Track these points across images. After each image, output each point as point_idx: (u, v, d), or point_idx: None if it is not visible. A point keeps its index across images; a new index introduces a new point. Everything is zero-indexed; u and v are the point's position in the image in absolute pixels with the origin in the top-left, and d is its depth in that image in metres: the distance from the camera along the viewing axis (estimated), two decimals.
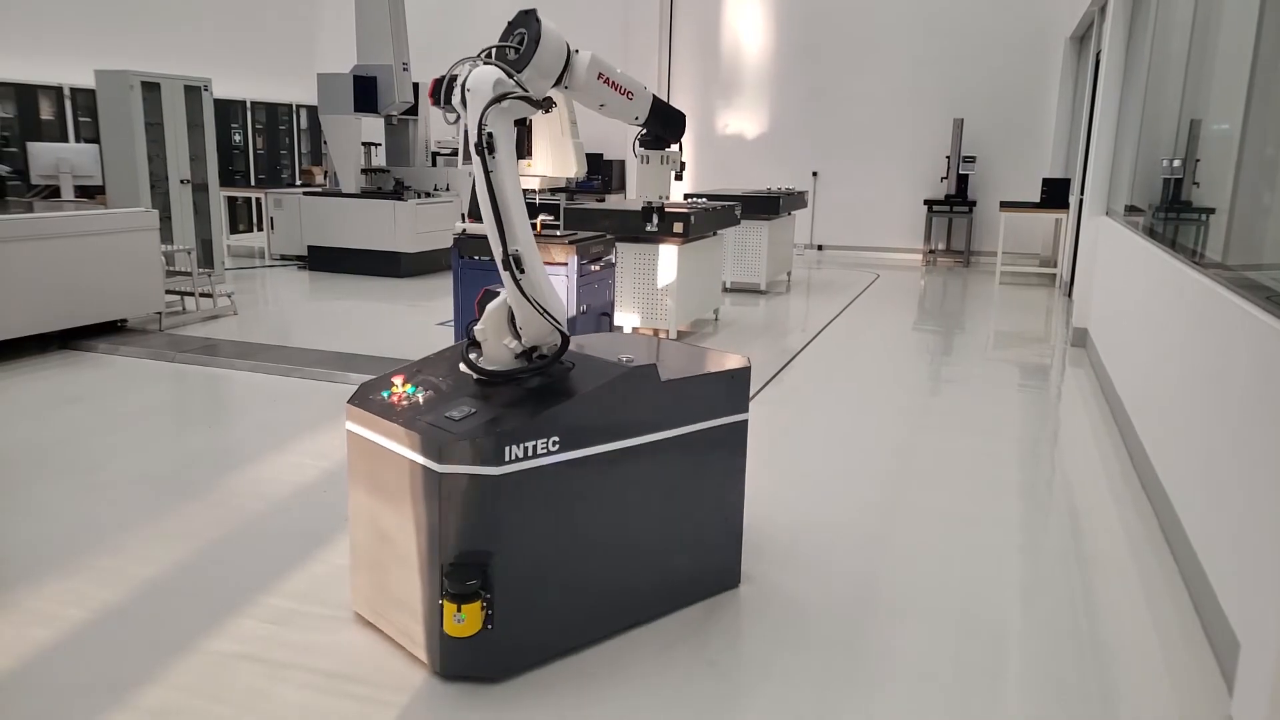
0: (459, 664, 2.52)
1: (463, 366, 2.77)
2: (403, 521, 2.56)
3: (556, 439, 2.51)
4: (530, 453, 2.46)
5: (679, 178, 4.41)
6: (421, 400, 2.66)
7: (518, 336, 2.70)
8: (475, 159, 2.55)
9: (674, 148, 4.22)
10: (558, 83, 2.75)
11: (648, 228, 6.58)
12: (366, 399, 2.74)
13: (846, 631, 2.86)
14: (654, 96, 3.19)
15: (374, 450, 2.64)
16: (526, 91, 2.58)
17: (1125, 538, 3.65)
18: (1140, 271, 4.99)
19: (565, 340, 2.71)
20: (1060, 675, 2.66)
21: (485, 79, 2.53)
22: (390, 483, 2.59)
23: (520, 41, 2.63)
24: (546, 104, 2.75)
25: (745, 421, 3.10)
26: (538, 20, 2.63)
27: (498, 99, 2.50)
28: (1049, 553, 3.51)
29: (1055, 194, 10.33)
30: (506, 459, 2.42)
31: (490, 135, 2.52)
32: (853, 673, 2.65)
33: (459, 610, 2.38)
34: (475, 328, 2.76)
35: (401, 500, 2.55)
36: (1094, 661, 2.73)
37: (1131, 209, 6.13)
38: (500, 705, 2.44)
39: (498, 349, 2.72)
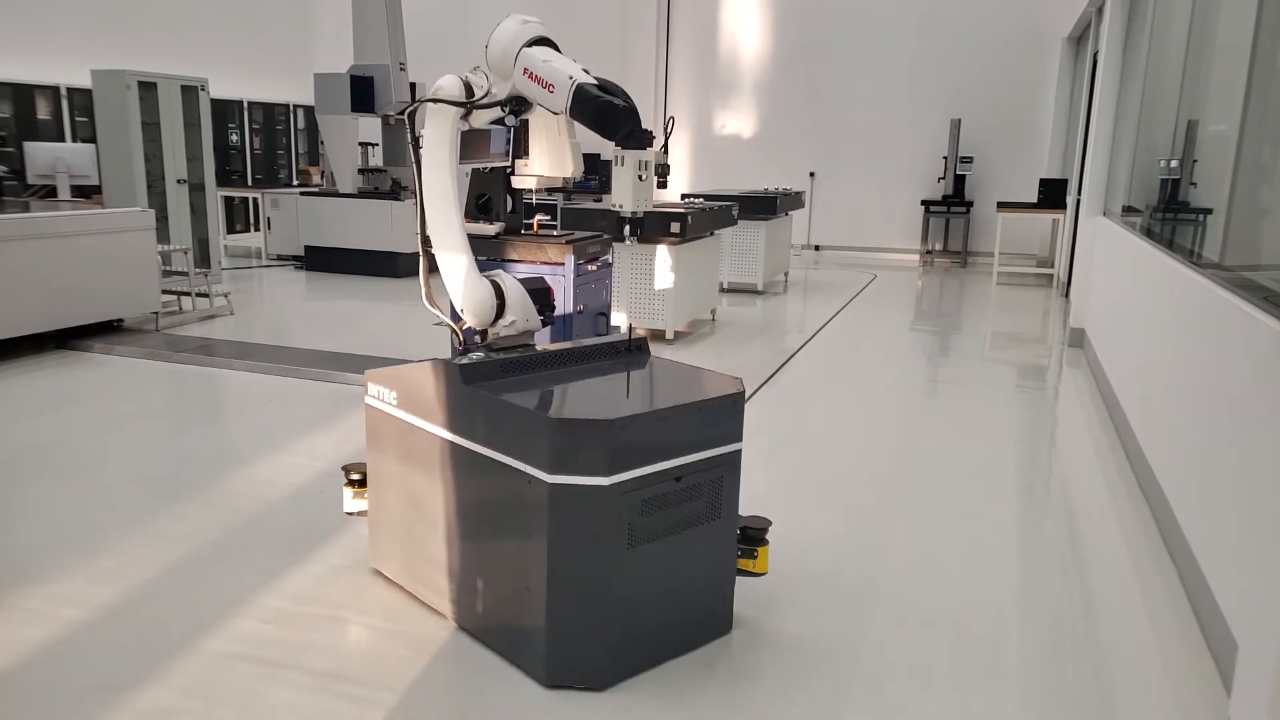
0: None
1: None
2: None
3: (395, 395, 2.89)
4: (378, 397, 2.96)
5: (662, 184, 3.25)
6: None
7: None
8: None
9: (654, 149, 3.36)
10: None
11: (626, 239, 5.93)
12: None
13: (843, 633, 2.86)
14: (582, 86, 2.79)
15: None
16: (456, 97, 2.89)
17: (1123, 538, 3.65)
18: (1137, 272, 5.00)
19: (455, 336, 2.99)
20: (1058, 676, 2.66)
21: (436, 85, 2.88)
22: None
23: None
24: (510, 104, 2.95)
25: (548, 487, 2.37)
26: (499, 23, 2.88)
27: (420, 100, 2.87)
28: (1046, 554, 3.51)
29: (1052, 194, 10.35)
30: (369, 394, 3.00)
31: (417, 133, 2.89)
32: (850, 675, 2.64)
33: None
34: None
35: None
36: (1092, 663, 2.73)
37: (1129, 209, 6.14)
38: (501, 705, 2.44)
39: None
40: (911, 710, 2.48)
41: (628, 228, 5.70)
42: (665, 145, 3.40)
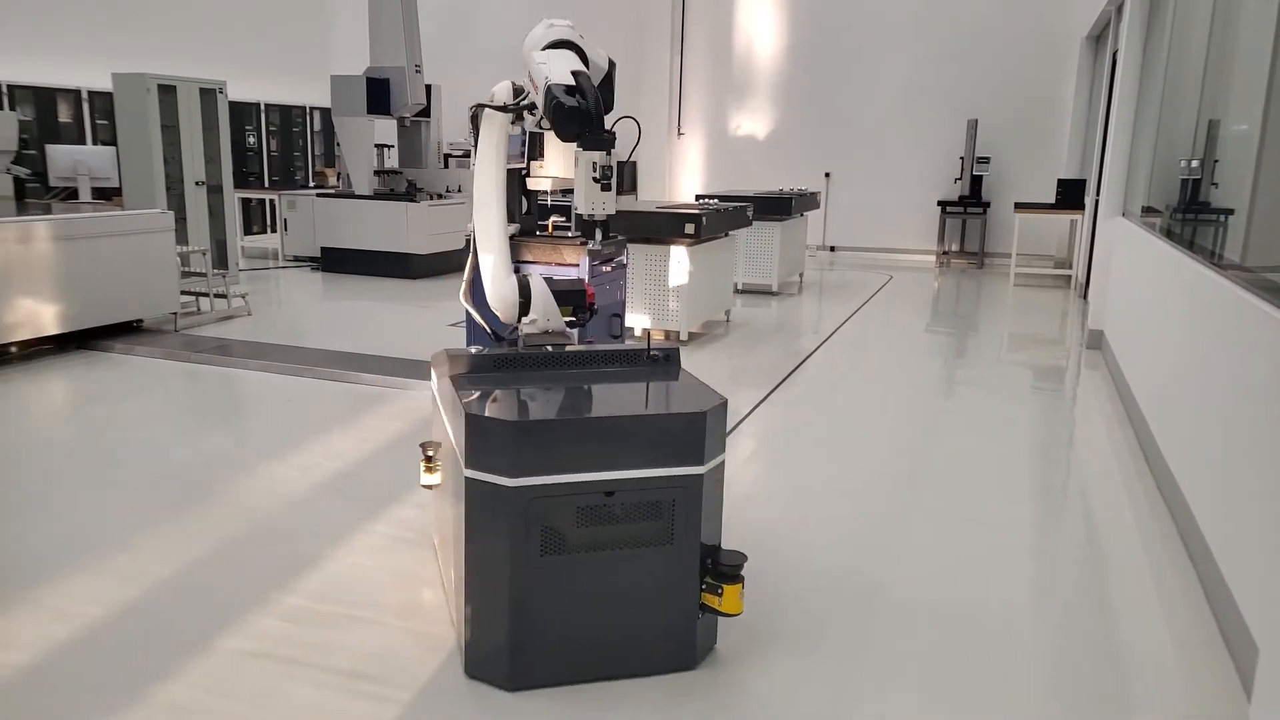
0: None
1: None
2: None
3: (436, 378, 2.97)
4: (432, 378, 3.04)
5: (605, 187, 3.05)
6: None
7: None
8: None
9: (601, 151, 3.13)
10: None
11: (589, 245, 5.55)
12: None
13: (857, 634, 2.85)
14: (550, 87, 2.83)
15: None
16: (503, 102, 3.10)
17: (1141, 541, 3.62)
18: (1157, 273, 4.96)
19: (494, 337, 3.13)
20: (1076, 679, 2.64)
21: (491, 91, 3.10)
22: None
23: None
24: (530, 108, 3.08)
25: (465, 479, 2.42)
26: None
27: (480, 105, 3.07)
28: (1064, 556, 3.49)
29: (1070, 195, 10.27)
30: (432, 375, 3.08)
31: (475, 135, 3.08)
32: (864, 675, 2.64)
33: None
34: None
35: None
36: (1110, 666, 2.71)
37: (1148, 210, 6.09)
38: (512, 707, 2.44)
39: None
40: (925, 710, 2.47)
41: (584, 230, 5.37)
42: (608, 148, 3.02)
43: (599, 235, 3.16)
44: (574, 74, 2.87)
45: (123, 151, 8.32)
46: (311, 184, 12.96)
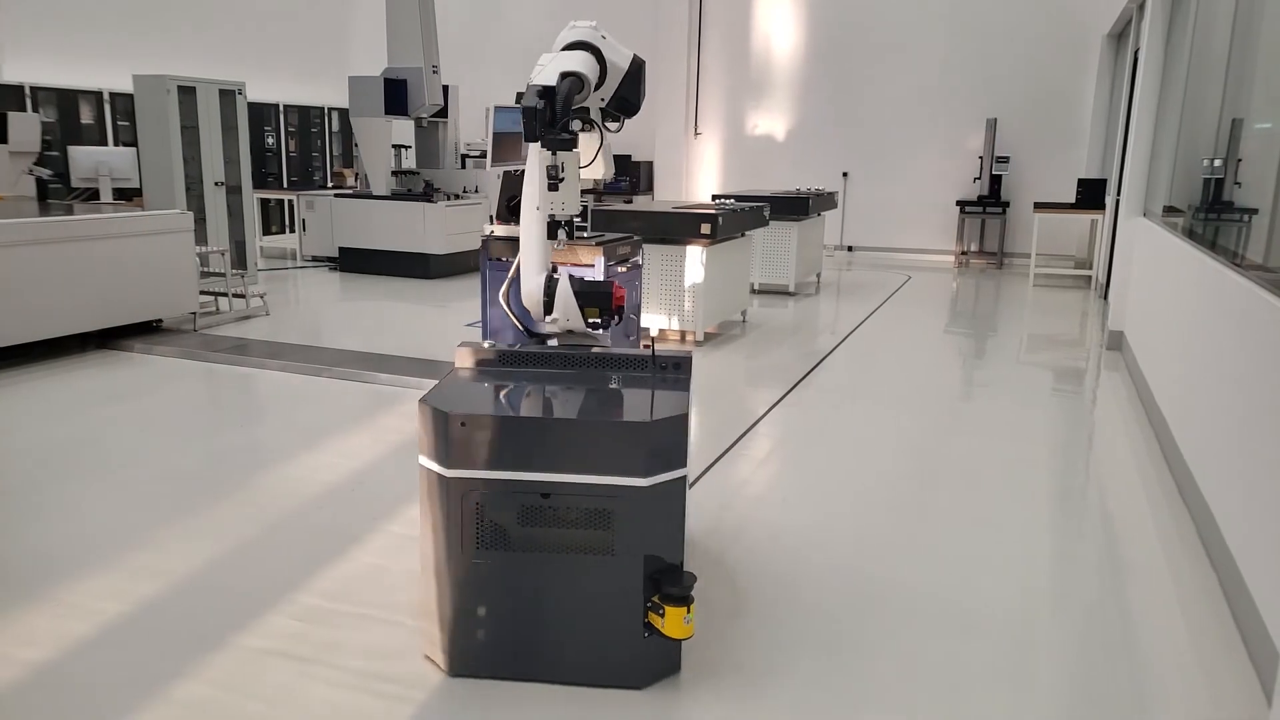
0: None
1: None
2: None
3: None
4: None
5: (553, 187, 3.06)
6: None
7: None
8: None
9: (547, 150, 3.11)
10: None
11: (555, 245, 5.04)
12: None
13: (872, 637, 2.83)
14: (529, 88, 2.90)
15: None
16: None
17: (1161, 545, 3.58)
18: (1179, 273, 4.90)
19: (526, 333, 3.21)
20: (1094, 684, 2.61)
21: None
22: None
23: None
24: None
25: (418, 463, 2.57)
26: None
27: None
28: (1083, 559, 3.45)
29: (1091, 194, 10.18)
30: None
31: None
32: (878, 678, 2.62)
33: None
34: None
35: None
36: (1129, 671, 2.68)
37: (1170, 210, 6.02)
38: (523, 705, 2.44)
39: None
40: (943, 716, 2.45)
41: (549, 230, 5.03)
42: (553, 148, 2.90)
43: (562, 235, 3.18)
44: (562, 74, 2.89)
45: (143, 152, 8.41)
46: (329, 184, 13.04)
